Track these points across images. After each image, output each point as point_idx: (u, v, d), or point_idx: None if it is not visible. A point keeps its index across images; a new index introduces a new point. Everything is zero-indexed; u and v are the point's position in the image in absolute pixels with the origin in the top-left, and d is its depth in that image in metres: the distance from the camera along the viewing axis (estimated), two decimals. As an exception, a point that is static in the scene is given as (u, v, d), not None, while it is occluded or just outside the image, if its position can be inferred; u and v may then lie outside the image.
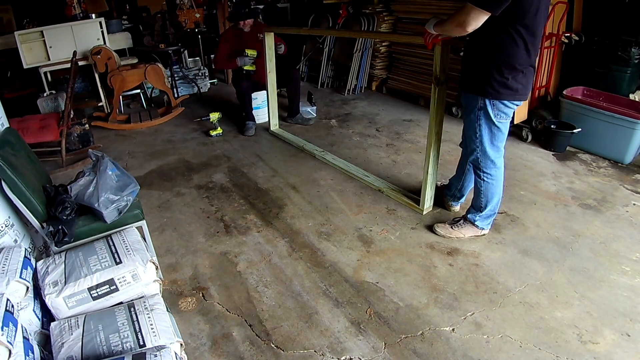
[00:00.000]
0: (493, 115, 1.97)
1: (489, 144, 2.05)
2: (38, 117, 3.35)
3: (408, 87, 4.63)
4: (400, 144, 3.57)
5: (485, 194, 2.17)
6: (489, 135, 2.03)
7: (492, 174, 2.12)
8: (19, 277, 1.51)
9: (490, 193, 2.17)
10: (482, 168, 2.11)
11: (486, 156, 2.08)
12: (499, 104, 1.95)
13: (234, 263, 2.22)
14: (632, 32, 3.29)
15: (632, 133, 2.92)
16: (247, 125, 3.88)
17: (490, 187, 2.15)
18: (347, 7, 4.88)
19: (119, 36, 4.94)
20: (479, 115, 2.01)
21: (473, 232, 2.29)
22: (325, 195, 2.81)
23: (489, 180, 2.13)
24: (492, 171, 2.12)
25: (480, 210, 2.22)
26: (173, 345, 1.38)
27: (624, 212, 2.51)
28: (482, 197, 2.19)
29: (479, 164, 2.11)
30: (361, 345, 1.71)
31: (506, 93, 1.91)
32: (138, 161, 3.43)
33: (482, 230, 2.29)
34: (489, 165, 2.10)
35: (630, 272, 2.05)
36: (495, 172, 2.12)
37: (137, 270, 1.62)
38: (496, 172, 2.12)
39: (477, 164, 2.12)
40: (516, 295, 1.93)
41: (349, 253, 2.25)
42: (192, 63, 5.56)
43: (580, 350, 1.65)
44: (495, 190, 2.17)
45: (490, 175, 2.12)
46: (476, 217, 2.26)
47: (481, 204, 2.21)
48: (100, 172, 1.87)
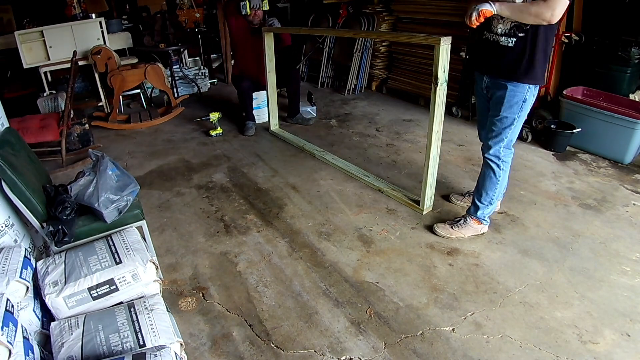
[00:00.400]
0: (530, 102, 2.04)
1: (516, 133, 2.11)
2: (38, 117, 3.35)
3: (408, 87, 4.63)
4: (400, 144, 3.57)
5: (500, 183, 2.21)
6: (519, 124, 2.08)
7: (507, 161, 2.18)
8: (19, 277, 1.51)
9: (503, 180, 2.22)
10: (503, 157, 2.15)
11: (509, 145, 2.13)
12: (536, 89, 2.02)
13: (234, 263, 2.22)
14: (632, 32, 3.28)
15: (632, 133, 2.92)
16: (247, 125, 3.87)
17: (505, 175, 2.21)
18: (347, 7, 4.88)
19: (119, 36, 4.94)
20: (522, 105, 2.03)
21: (473, 232, 2.31)
22: (325, 195, 2.81)
23: (506, 168, 2.19)
24: (509, 158, 2.18)
25: (492, 203, 2.25)
26: (173, 345, 1.38)
27: (624, 212, 2.51)
28: (496, 189, 2.21)
29: (499, 154, 2.14)
30: (361, 345, 1.71)
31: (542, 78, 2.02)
32: (138, 161, 3.43)
33: (482, 227, 2.31)
34: (508, 153, 2.16)
35: (630, 272, 2.05)
36: (510, 158, 2.19)
37: (137, 270, 1.62)
38: (511, 157, 2.19)
39: (498, 154, 2.15)
40: (516, 295, 1.93)
41: (349, 253, 2.25)
42: (192, 63, 5.56)
43: (580, 350, 1.65)
44: (506, 178, 2.24)
45: (507, 163, 2.18)
46: (486, 212, 2.28)
47: (493, 195, 2.23)
48: (100, 172, 1.87)
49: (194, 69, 5.32)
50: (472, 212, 2.31)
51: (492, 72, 2.09)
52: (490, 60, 2.08)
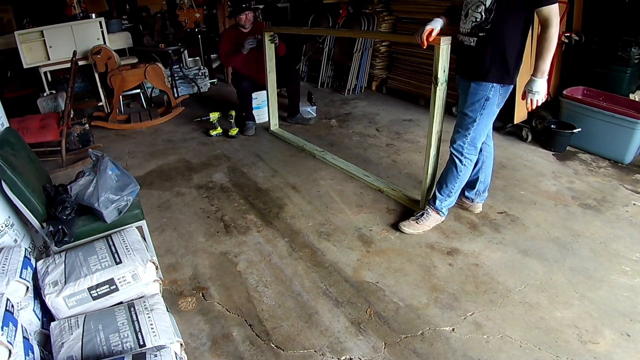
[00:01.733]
0: (498, 102, 2.08)
1: (481, 132, 2.16)
2: (38, 117, 3.35)
3: (408, 87, 4.63)
4: (400, 144, 3.57)
5: (461, 178, 2.28)
6: (484, 123, 2.13)
7: (471, 160, 2.24)
8: (19, 277, 1.51)
9: (464, 177, 2.29)
10: (466, 154, 2.21)
11: (474, 143, 2.18)
12: (507, 89, 2.06)
13: (234, 263, 2.22)
14: (632, 32, 3.28)
15: (632, 133, 2.92)
16: (247, 125, 3.87)
17: (467, 171, 2.27)
18: (347, 7, 4.87)
19: (119, 36, 4.93)
20: (484, 104, 2.08)
21: (435, 221, 2.39)
22: (325, 195, 2.81)
23: (469, 165, 2.25)
24: (472, 157, 2.23)
25: (450, 195, 2.32)
26: (173, 345, 1.38)
27: (624, 212, 2.51)
28: (456, 182, 2.28)
29: (462, 150, 2.20)
30: (361, 345, 1.71)
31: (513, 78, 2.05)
32: (138, 161, 3.43)
33: (442, 217, 2.39)
34: (472, 151, 2.21)
35: (630, 272, 2.05)
36: (474, 157, 2.24)
37: (137, 270, 1.62)
38: (474, 157, 2.25)
39: (461, 150, 2.20)
40: (516, 295, 1.93)
41: (349, 253, 2.25)
42: (192, 63, 5.56)
43: (580, 350, 1.65)
44: (467, 175, 2.30)
45: (470, 160, 2.24)
46: (443, 204, 2.34)
47: (452, 188, 2.30)
48: (100, 172, 1.87)
49: (194, 69, 5.31)
50: (431, 202, 2.39)
51: (461, 71, 2.20)
52: (459, 60, 2.18)
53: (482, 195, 2.49)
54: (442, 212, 2.37)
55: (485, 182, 2.46)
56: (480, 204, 2.53)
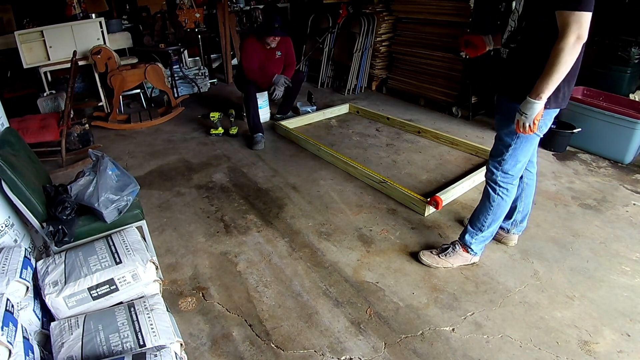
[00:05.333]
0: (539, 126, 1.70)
1: (518, 159, 1.85)
2: (38, 117, 3.35)
3: (408, 87, 4.64)
4: (400, 144, 3.56)
5: (495, 211, 1.97)
6: (521, 150, 1.82)
7: (509, 190, 1.93)
8: (19, 277, 1.51)
9: (501, 211, 1.98)
10: (501, 183, 1.91)
11: (510, 171, 1.88)
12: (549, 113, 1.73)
13: (234, 263, 2.22)
14: (632, 32, 3.29)
15: (632, 133, 2.92)
16: (255, 138, 3.58)
17: (504, 204, 1.96)
18: (347, 7, 4.87)
19: (119, 36, 4.93)
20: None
21: (463, 261, 2.10)
22: (325, 195, 2.81)
23: (505, 197, 1.94)
24: (510, 186, 1.93)
25: (482, 230, 2.02)
26: (173, 345, 1.38)
27: (624, 212, 2.51)
28: (489, 215, 1.98)
29: (496, 178, 1.91)
30: (361, 345, 1.71)
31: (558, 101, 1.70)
32: (138, 161, 3.43)
33: (473, 257, 2.10)
34: (509, 180, 1.91)
35: (630, 272, 2.05)
36: (513, 187, 1.94)
37: (137, 270, 1.62)
38: (513, 188, 1.94)
39: (495, 178, 1.92)
40: (516, 295, 1.93)
41: (349, 253, 2.25)
42: (192, 63, 5.56)
43: (580, 350, 1.65)
44: (506, 208, 1.99)
45: (507, 190, 1.93)
46: (473, 240, 2.05)
47: (485, 222, 2.00)
48: (100, 172, 1.87)
49: (194, 69, 5.31)
50: (461, 236, 2.11)
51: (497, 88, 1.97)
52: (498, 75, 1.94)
53: (519, 226, 2.22)
54: (472, 250, 2.06)
55: (523, 212, 2.17)
56: (516, 236, 2.25)
